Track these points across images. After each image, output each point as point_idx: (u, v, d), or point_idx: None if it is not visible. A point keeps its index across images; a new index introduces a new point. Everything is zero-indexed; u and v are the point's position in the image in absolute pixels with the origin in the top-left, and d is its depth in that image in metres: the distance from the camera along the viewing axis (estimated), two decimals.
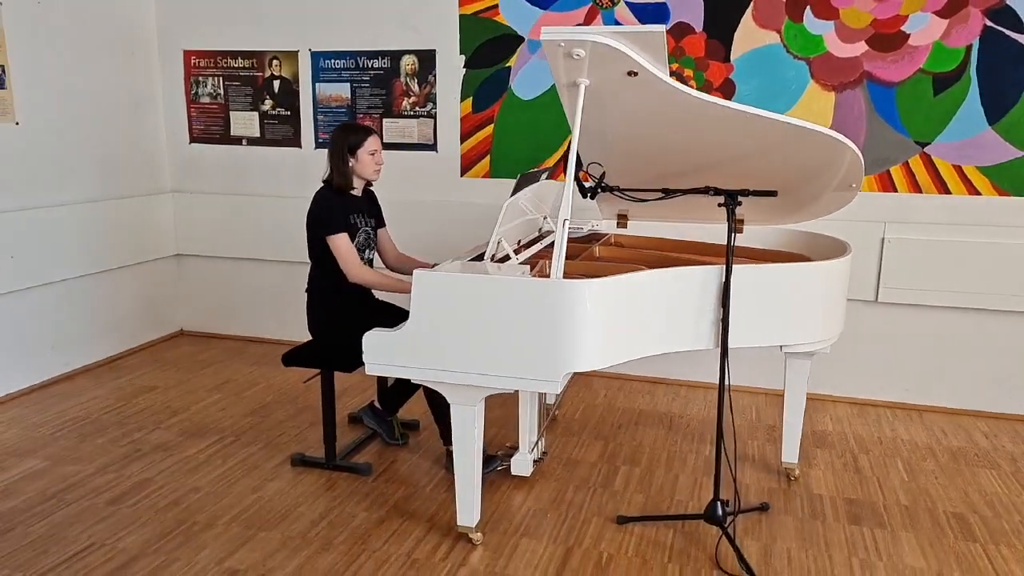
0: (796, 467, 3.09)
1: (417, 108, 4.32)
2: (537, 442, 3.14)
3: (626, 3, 3.84)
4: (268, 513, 2.81)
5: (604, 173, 2.80)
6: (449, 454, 3.11)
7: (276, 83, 4.54)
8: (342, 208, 3.00)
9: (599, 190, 2.73)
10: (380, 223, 3.25)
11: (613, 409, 3.81)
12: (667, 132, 2.59)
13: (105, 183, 4.40)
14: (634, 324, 2.36)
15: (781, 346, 2.67)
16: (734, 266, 2.42)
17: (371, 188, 3.21)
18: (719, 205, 2.41)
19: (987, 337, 3.68)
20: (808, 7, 3.63)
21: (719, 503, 2.58)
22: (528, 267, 2.46)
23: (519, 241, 2.95)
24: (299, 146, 4.58)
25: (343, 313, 3.09)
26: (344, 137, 2.99)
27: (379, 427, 3.37)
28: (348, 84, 4.41)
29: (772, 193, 2.34)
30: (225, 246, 4.79)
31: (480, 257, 2.66)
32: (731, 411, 2.52)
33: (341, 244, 2.94)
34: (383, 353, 2.44)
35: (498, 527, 2.72)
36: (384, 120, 4.38)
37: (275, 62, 4.52)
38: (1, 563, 2.48)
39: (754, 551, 2.57)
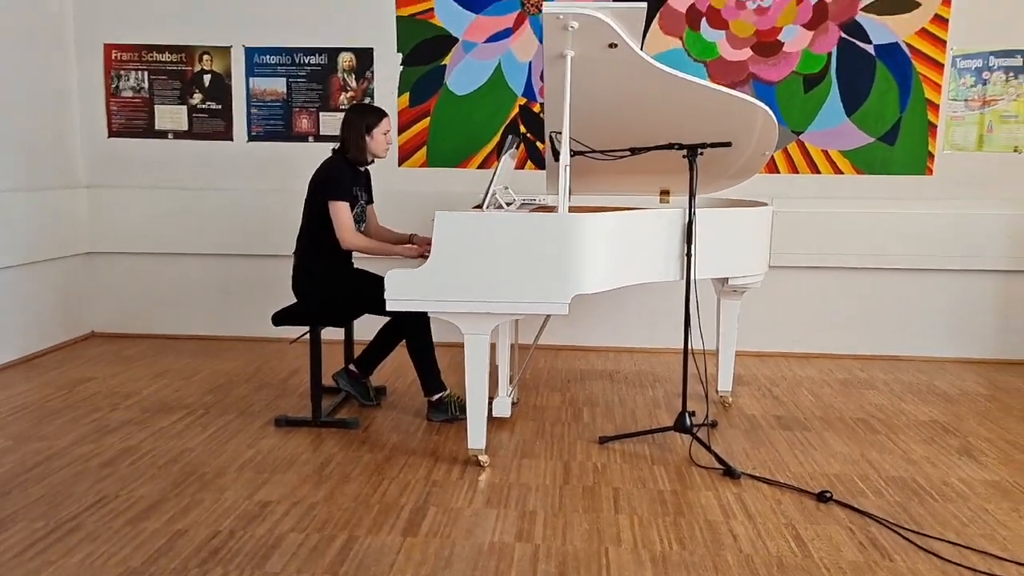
0: (730, 395, 3.62)
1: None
2: (513, 388, 3.46)
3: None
4: (274, 461, 2.91)
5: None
6: (431, 405, 3.36)
7: (207, 77, 4.60)
8: (350, 178, 3.23)
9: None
10: (370, 200, 3.48)
11: (557, 371, 4.20)
12: (630, 99, 3.06)
13: (13, 175, 4.21)
14: (623, 255, 2.78)
15: (726, 279, 3.20)
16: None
17: (367, 168, 3.43)
18: (683, 157, 2.90)
19: (854, 291, 4.46)
20: (704, 18, 4.31)
21: (687, 414, 3.03)
22: (534, 208, 2.82)
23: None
24: (231, 139, 4.64)
25: (331, 274, 3.27)
26: (362, 118, 3.26)
27: (354, 389, 3.53)
28: (284, 79, 4.57)
29: (727, 144, 2.87)
30: (146, 242, 4.70)
31: (478, 208, 2.98)
32: (700, 337, 2.99)
33: (342, 210, 3.15)
34: (406, 289, 2.68)
35: (498, 453, 3.00)
36: (321, 114, 4.57)
37: (206, 57, 4.58)
38: (15, 517, 2.43)
39: (718, 452, 3.03)
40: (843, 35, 4.25)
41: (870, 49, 4.25)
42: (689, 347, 2.98)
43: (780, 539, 2.36)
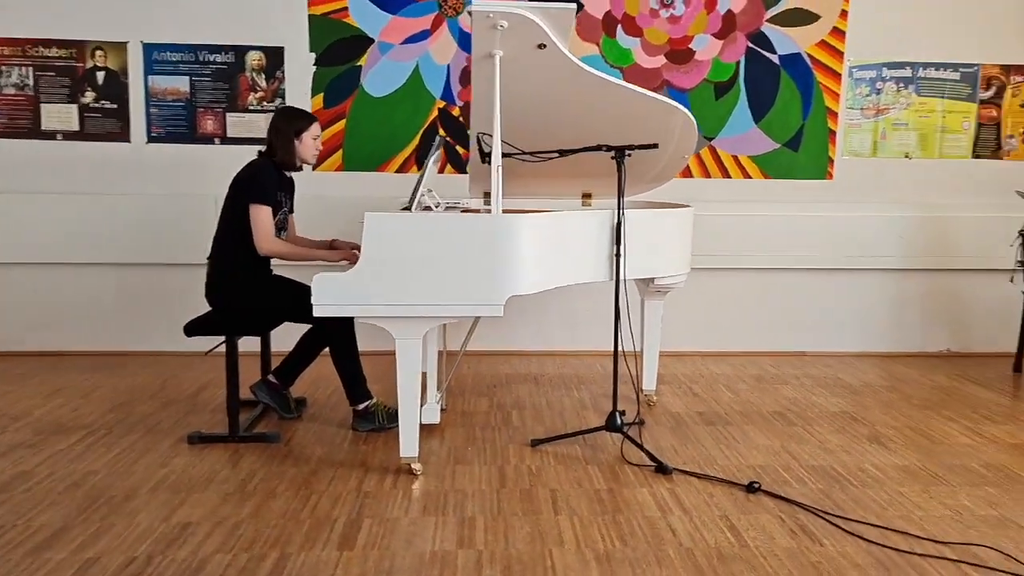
0: (654, 394, 3.68)
1: (264, 103, 4.37)
2: (441, 394, 3.39)
3: (469, 12, 4.32)
4: (190, 480, 2.73)
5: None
6: (357, 414, 3.25)
7: (100, 74, 4.30)
8: (276, 183, 3.09)
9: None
10: (292, 208, 3.33)
11: (482, 376, 4.16)
12: (557, 100, 3.06)
13: None
14: (555, 256, 2.78)
15: (652, 279, 3.26)
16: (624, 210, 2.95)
17: (292, 176, 3.29)
18: (612, 158, 2.93)
19: (762, 291, 4.64)
20: (620, 25, 4.39)
21: (617, 414, 3.05)
22: (459, 211, 2.77)
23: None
24: (128, 140, 4.36)
25: (250, 281, 3.11)
26: (291, 122, 3.13)
27: (273, 401, 3.36)
28: (187, 77, 4.33)
29: (654, 146, 2.92)
30: (33, 251, 4.33)
31: (406, 210, 2.90)
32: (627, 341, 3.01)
33: (264, 215, 3.01)
34: (334, 294, 2.57)
35: (430, 460, 2.93)
36: (228, 114, 4.36)
37: (99, 52, 4.29)
38: None
39: (649, 449, 3.06)
40: (750, 45, 4.43)
41: (775, 59, 4.44)
42: (619, 347, 3.01)
43: (717, 531, 2.40)
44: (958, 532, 2.41)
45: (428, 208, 2.95)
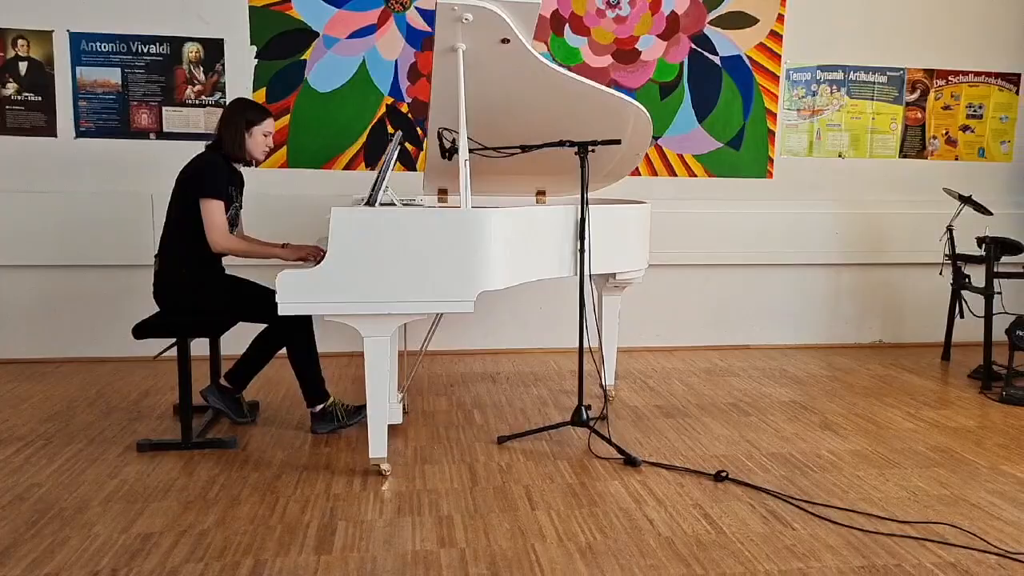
0: (613, 388, 3.72)
1: (204, 97, 4.19)
2: (403, 394, 3.33)
3: (416, 8, 4.28)
4: (146, 489, 2.59)
5: (455, 136, 3.17)
6: (315, 416, 3.16)
7: (23, 65, 4.04)
8: (227, 177, 2.96)
9: (456, 151, 3.09)
10: (242, 204, 3.20)
11: (438, 376, 4.10)
12: (518, 95, 3.05)
13: None
14: (524, 251, 2.77)
15: (613, 274, 3.29)
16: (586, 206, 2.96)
17: (241, 170, 3.16)
18: (575, 154, 2.94)
19: (707, 286, 4.76)
20: (567, 24, 4.42)
21: (583, 408, 3.07)
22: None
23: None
24: (54, 135, 4.10)
25: (203, 280, 2.98)
26: (242, 113, 3.01)
27: (226, 406, 3.22)
28: (119, 69, 4.12)
29: (617, 141, 2.94)
30: None
31: (370, 203, 2.83)
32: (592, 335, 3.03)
33: (216, 210, 2.88)
34: (300, 292, 2.49)
35: (397, 461, 2.87)
36: (164, 108, 4.17)
37: (21, 41, 4.03)
38: None
39: (615, 442, 3.09)
40: (693, 46, 4.54)
41: (717, 60, 4.57)
42: (586, 342, 3.02)
43: (692, 519, 2.43)
44: (917, 511, 2.52)
45: (389, 205, 2.89)
